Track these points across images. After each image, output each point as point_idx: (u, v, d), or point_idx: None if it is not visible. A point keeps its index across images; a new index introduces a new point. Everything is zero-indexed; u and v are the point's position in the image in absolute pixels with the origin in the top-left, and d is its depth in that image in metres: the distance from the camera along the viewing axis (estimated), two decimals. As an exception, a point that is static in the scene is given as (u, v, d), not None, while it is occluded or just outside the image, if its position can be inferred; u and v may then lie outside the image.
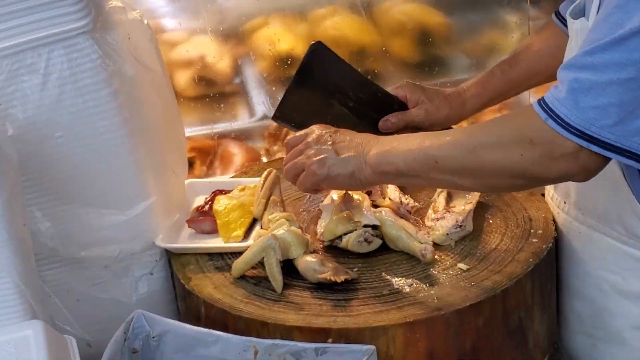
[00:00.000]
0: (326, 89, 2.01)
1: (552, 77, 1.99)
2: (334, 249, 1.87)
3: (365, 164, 1.73)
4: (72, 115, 1.78)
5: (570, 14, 1.79)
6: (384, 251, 1.86)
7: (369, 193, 1.97)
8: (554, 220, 1.91)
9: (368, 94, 2.06)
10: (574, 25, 1.75)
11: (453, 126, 2.10)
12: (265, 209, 1.96)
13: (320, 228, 1.91)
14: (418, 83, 2.12)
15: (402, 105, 2.07)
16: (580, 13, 1.78)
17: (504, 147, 1.58)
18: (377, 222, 1.86)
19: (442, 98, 2.07)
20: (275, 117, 2.02)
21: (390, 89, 2.09)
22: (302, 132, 1.84)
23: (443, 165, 1.64)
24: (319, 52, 2.00)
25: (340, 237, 1.86)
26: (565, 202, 1.88)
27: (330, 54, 2.01)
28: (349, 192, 1.94)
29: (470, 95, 2.08)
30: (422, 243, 1.82)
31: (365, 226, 1.85)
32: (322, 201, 1.98)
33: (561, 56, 1.82)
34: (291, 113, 2.00)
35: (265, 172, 2.02)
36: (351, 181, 1.77)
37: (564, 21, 1.95)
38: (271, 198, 1.99)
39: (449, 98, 2.07)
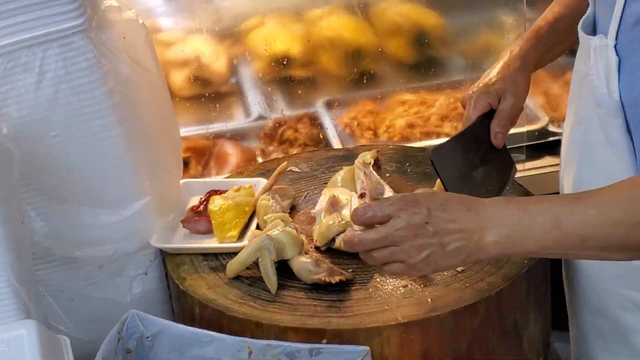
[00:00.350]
0: (461, 171, 1.86)
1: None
2: (328, 250, 1.87)
3: (480, 251, 1.52)
4: (67, 115, 1.77)
5: (582, 27, 1.76)
6: (379, 252, 1.85)
7: (362, 196, 1.97)
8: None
9: (474, 140, 1.92)
10: (590, 41, 1.71)
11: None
12: (264, 193, 1.98)
13: (314, 234, 1.90)
14: (477, 84, 1.97)
15: (489, 114, 1.95)
16: (590, 27, 1.76)
17: None
18: None
19: (508, 72, 1.94)
20: (432, 152, 1.84)
21: (469, 113, 1.94)
22: (383, 210, 1.55)
23: (591, 244, 1.49)
24: (438, 155, 1.83)
25: (333, 239, 1.85)
26: None
27: (442, 148, 1.86)
28: (335, 194, 1.93)
29: (525, 50, 1.97)
30: None
31: None
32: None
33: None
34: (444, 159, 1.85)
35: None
36: (463, 265, 1.67)
37: None
38: (273, 187, 2.01)
39: (511, 67, 1.95)
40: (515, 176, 2.01)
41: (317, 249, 1.87)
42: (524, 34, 2.04)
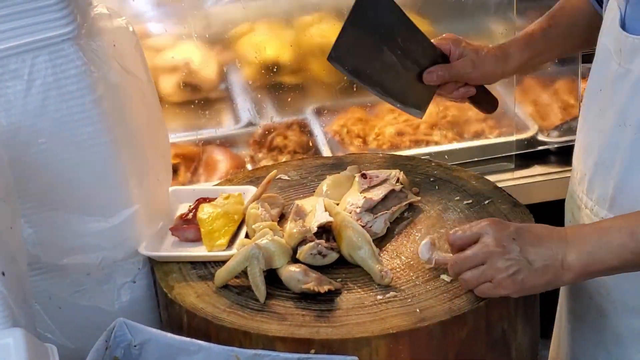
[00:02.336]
0: (378, 32, 1.96)
1: (586, 43, 2.04)
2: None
3: (563, 269, 1.62)
4: (55, 122, 1.77)
5: (621, 27, 1.77)
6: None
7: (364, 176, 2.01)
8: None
9: (415, 43, 2.02)
10: (639, 42, 1.73)
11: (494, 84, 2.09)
12: (254, 201, 1.98)
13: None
14: (460, 37, 2.08)
15: (444, 58, 2.04)
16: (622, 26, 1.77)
17: None
18: (330, 219, 1.85)
19: (486, 51, 2.05)
20: (330, 58, 1.96)
21: (435, 40, 2.06)
22: (472, 230, 1.67)
23: None
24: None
25: (296, 250, 1.84)
26: None
27: None
28: (299, 203, 1.94)
29: (513, 50, 2.06)
30: (382, 265, 1.81)
31: (321, 230, 1.84)
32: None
33: (594, 23, 1.86)
34: (345, 55, 1.94)
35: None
36: (547, 287, 1.68)
37: None
38: (263, 195, 2.00)
39: (493, 51, 2.05)
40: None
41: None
42: (517, 35, 2.10)
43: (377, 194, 1.99)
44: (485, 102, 2.16)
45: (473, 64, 2.03)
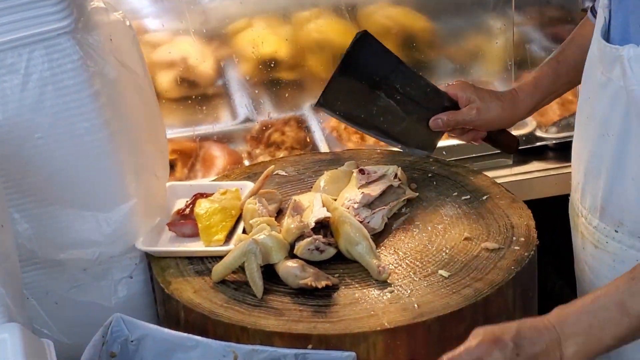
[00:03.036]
0: (371, 79, 1.98)
1: None
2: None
3: None
4: (52, 116, 1.77)
5: (603, 37, 1.77)
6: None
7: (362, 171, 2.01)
8: (536, 227, 1.90)
9: (417, 88, 2.04)
10: (620, 52, 1.72)
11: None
12: (251, 196, 1.98)
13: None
14: (470, 82, 2.10)
15: (452, 103, 2.06)
16: (606, 37, 1.77)
17: None
18: (327, 215, 1.85)
19: (493, 98, 2.07)
20: (318, 104, 1.98)
21: (443, 86, 2.09)
22: (474, 354, 1.54)
23: None
24: (364, 41, 1.96)
25: (293, 246, 1.84)
26: (617, 231, 1.84)
27: (376, 44, 1.98)
28: (297, 199, 1.94)
29: (523, 96, 2.07)
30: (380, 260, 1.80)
31: (319, 225, 1.84)
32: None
33: None
34: (335, 101, 1.96)
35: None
36: None
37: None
38: (260, 191, 2.00)
39: (501, 98, 2.07)
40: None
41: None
42: (528, 77, 2.09)
43: (375, 189, 1.98)
44: (503, 142, 2.18)
45: (478, 112, 2.05)
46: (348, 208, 1.92)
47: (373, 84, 1.99)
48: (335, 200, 1.97)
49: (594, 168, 1.86)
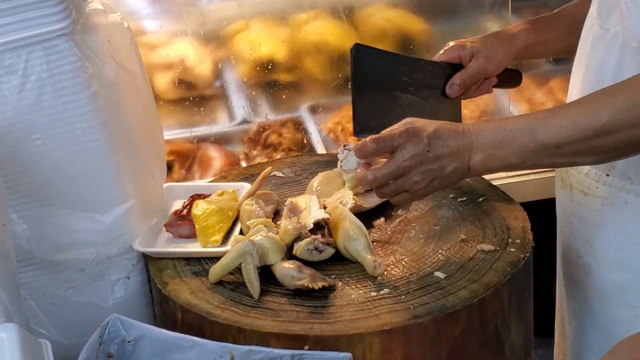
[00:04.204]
0: (385, 84, 1.98)
1: None
2: (311, 256, 1.87)
3: (470, 170, 1.72)
4: (50, 117, 1.77)
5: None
6: (361, 258, 1.85)
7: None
8: (532, 229, 1.91)
9: (422, 72, 2.04)
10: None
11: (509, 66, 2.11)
12: (248, 197, 1.98)
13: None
14: (462, 40, 2.10)
15: (455, 67, 2.07)
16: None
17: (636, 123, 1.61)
18: (325, 216, 1.86)
19: (491, 39, 2.08)
20: (356, 133, 1.96)
21: (437, 56, 2.08)
22: (392, 140, 1.73)
23: (565, 150, 1.66)
24: (361, 53, 1.95)
25: (292, 246, 1.84)
26: (608, 175, 1.87)
27: (371, 50, 1.99)
28: (293, 200, 1.94)
29: (518, 31, 2.08)
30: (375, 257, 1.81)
31: (316, 226, 1.85)
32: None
33: None
34: (367, 122, 1.94)
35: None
36: (453, 186, 1.85)
37: None
38: (257, 192, 2.00)
39: (497, 36, 2.08)
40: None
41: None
42: (523, 21, 2.11)
43: (370, 201, 1.99)
44: (509, 80, 2.18)
45: (487, 59, 2.05)
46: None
47: (388, 88, 1.99)
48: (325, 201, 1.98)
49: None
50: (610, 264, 1.91)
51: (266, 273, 1.80)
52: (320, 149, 2.66)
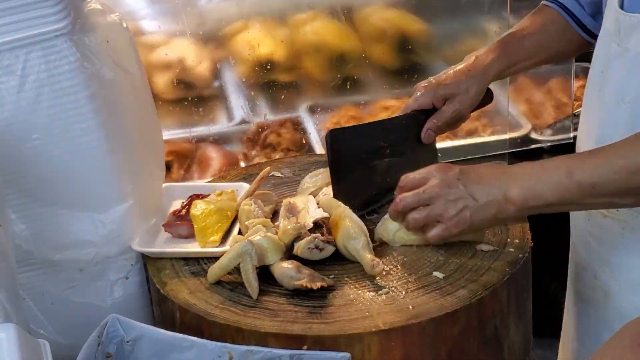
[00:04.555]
0: (362, 159, 1.98)
1: (560, 55, 2.12)
2: (310, 256, 1.87)
3: (507, 203, 1.70)
4: (49, 118, 1.77)
5: (619, 6, 1.79)
6: (360, 258, 1.85)
7: None
8: (530, 229, 1.91)
9: (396, 130, 2.02)
10: (636, 19, 1.75)
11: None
12: (247, 198, 1.98)
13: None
14: (431, 79, 2.06)
15: (429, 111, 2.04)
16: (620, 4, 1.79)
17: None
18: (325, 215, 1.86)
19: (464, 77, 2.04)
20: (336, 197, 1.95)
21: (408, 103, 2.05)
22: (421, 174, 1.76)
23: (601, 190, 1.65)
24: (336, 137, 1.94)
25: (292, 246, 1.84)
26: None
27: (345, 131, 2.00)
28: (291, 200, 1.94)
29: (490, 60, 2.05)
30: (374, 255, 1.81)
31: (314, 226, 1.85)
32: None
33: (565, 35, 1.96)
34: (350, 200, 1.92)
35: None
36: (494, 223, 1.77)
37: (557, 3, 2.02)
38: (256, 192, 2.00)
39: (470, 73, 2.04)
40: None
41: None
42: (491, 44, 2.08)
43: None
44: (481, 102, 2.16)
45: (461, 103, 2.03)
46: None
47: (365, 161, 1.99)
48: (312, 193, 2.00)
49: (608, 135, 1.85)
50: (632, 286, 1.89)
51: (265, 273, 1.80)
52: (319, 149, 2.67)
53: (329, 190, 2.01)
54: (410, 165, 1.90)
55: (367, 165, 1.99)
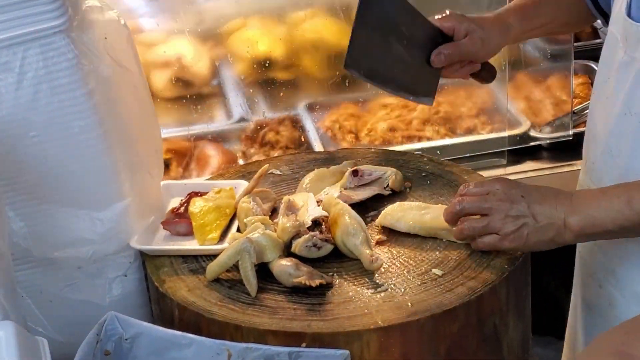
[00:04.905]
0: (384, 26, 1.92)
1: (572, 26, 2.16)
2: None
3: (566, 229, 1.71)
4: (47, 115, 1.76)
5: (627, 14, 1.78)
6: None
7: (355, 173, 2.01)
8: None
9: (419, 28, 1.97)
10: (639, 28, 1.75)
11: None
12: (245, 195, 1.98)
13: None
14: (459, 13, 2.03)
15: (445, 37, 1.99)
16: (627, 12, 1.78)
17: None
18: (323, 213, 1.86)
19: (489, 23, 2.01)
20: (346, 65, 1.91)
21: (433, 19, 2.01)
22: (484, 185, 1.77)
23: None
24: None
25: (291, 244, 1.84)
26: None
27: None
28: (290, 198, 1.94)
29: (512, 20, 2.02)
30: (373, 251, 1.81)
31: (313, 224, 1.85)
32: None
33: (577, 7, 1.97)
34: (359, 58, 1.89)
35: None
36: (548, 246, 1.75)
37: None
38: (254, 190, 2.00)
39: (495, 22, 2.01)
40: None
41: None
42: (507, 6, 2.06)
43: (359, 194, 1.99)
44: (486, 72, 2.14)
45: (482, 42, 1.99)
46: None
47: (385, 31, 1.93)
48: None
49: (614, 146, 1.86)
50: (637, 298, 1.89)
51: (263, 271, 1.80)
52: (317, 147, 2.66)
53: (330, 189, 2.01)
54: (414, 74, 1.91)
55: (386, 37, 1.93)
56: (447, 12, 2.03)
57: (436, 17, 2.01)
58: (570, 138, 2.69)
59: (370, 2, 1.89)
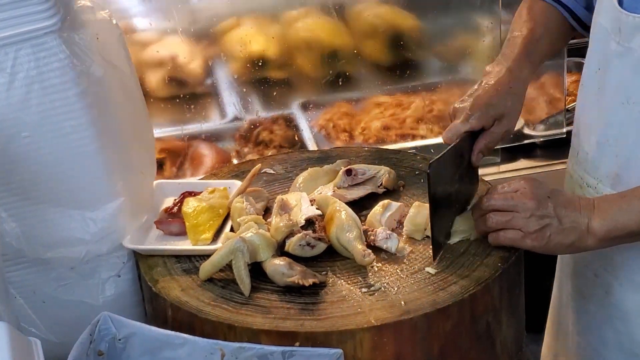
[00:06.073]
0: (449, 192, 1.88)
1: (555, 52, 2.14)
2: (302, 252, 1.87)
3: (589, 234, 1.73)
4: (39, 115, 1.76)
5: (620, 5, 1.77)
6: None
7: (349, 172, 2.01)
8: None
9: (462, 158, 1.91)
10: (635, 19, 1.74)
11: None
12: (238, 195, 1.98)
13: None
14: (467, 98, 1.93)
15: (474, 135, 1.92)
16: (620, 2, 1.77)
17: None
18: (317, 212, 1.87)
19: (509, 97, 1.93)
20: (436, 257, 1.83)
21: (459, 125, 1.89)
22: (512, 185, 1.77)
23: None
24: (435, 171, 1.79)
25: (284, 243, 1.84)
26: None
27: (441, 162, 1.81)
28: (284, 197, 1.94)
29: (525, 74, 1.97)
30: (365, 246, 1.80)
31: (306, 223, 1.85)
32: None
33: (561, 31, 1.98)
34: (442, 241, 1.85)
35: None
36: (569, 250, 1.77)
37: None
38: (248, 189, 2.00)
39: (512, 91, 1.94)
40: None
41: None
42: (513, 54, 1.98)
43: (352, 194, 1.99)
44: None
45: (509, 122, 1.94)
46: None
47: (450, 188, 1.89)
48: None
49: (612, 136, 1.85)
50: (634, 285, 1.89)
51: (257, 270, 1.80)
52: (311, 146, 2.66)
53: (324, 189, 2.01)
54: (466, 188, 1.92)
55: (447, 194, 1.87)
56: (462, 107, 1.91)
57: (458, 124, 1.90)
58: (564, 136, 2.70)
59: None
